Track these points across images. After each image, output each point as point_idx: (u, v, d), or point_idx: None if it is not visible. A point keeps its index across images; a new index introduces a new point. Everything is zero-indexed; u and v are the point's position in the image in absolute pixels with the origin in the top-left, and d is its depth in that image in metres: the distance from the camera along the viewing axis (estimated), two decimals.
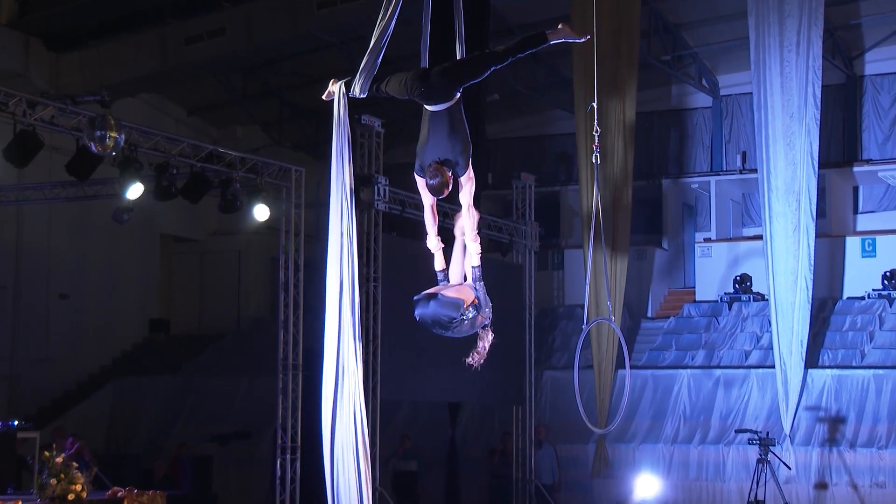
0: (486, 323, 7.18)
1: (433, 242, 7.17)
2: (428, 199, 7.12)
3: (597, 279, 19.67)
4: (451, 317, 6.94)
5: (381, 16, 7.02)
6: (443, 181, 6.87)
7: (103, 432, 22.50)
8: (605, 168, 19.59)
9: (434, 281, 7.20)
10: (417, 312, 7.01)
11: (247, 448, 20.81)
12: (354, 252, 7.46)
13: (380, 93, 7.18)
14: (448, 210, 16.51)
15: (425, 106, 6.97)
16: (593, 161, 8.38)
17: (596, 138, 8.37)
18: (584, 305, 8.99)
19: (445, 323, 6.96)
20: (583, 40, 7.23)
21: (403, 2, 7.05)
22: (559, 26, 7.09)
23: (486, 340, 7.26)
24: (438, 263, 7.24)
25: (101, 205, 18.81)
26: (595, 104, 8.92)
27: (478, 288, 7.09)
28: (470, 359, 7.19)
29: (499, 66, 7.08)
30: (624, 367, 20.94)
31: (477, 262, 7.11)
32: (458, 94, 6.96)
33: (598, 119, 20.02)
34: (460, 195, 7.07)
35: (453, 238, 7.33)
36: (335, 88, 7.33)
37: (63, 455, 13.65)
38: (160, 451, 20.91)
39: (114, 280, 24.49)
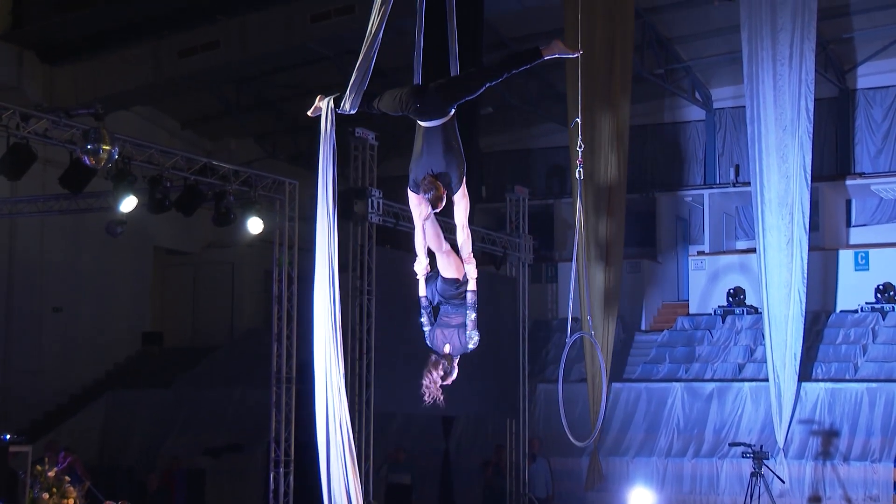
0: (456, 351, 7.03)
1: (421, 265, 7.07)
2: (419, 220, 7.07)
3: (590, 291, 19.70)
4: (456, 284, 6.93)
5: (369, 28, 6.98)
6: (437, 195, 6.81)
7: (96, 445, 22.44)
8: (599, 181, 19.61)
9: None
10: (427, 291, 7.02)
11: (240, 461, 20.76)
12: (336, 266, 7.36)
13: (372, 109, 7.13)
14: (443, 224, 16.55)
15: (419, 122, 6.94)
16: (576, 176, 8.36)
17: (580, 154, 8.35)
18: (568, 318, 8.95)
19: (452, 292, 6.91)
20: (576, 55, 7.16)
21: (398, 13, 7.03)
22: (552, 42, 7.04)
23: (447, 372, 7.02)
24: (423, 289, 7.16)
25: (95, 217, 18.81)
26: (579, 120, 8.89)
27: (470, 314, 6.99)
28: (426, 381, 7.04)
29: (493, 83, 7.04)
30: (618, 381, 20.98)
31: (474, 286, 6.99)
32: (453, 111, 6.93)
33: (592, 132, 20.17)
34: (455, 214, 7.02)
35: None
36: (322, 105, 7.27)
37: (55, 469, 13.63)
38: (153, 464, 20.86)
39: (107, 293, 24.44)
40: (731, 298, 22.36)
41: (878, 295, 21.34)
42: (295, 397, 16.40)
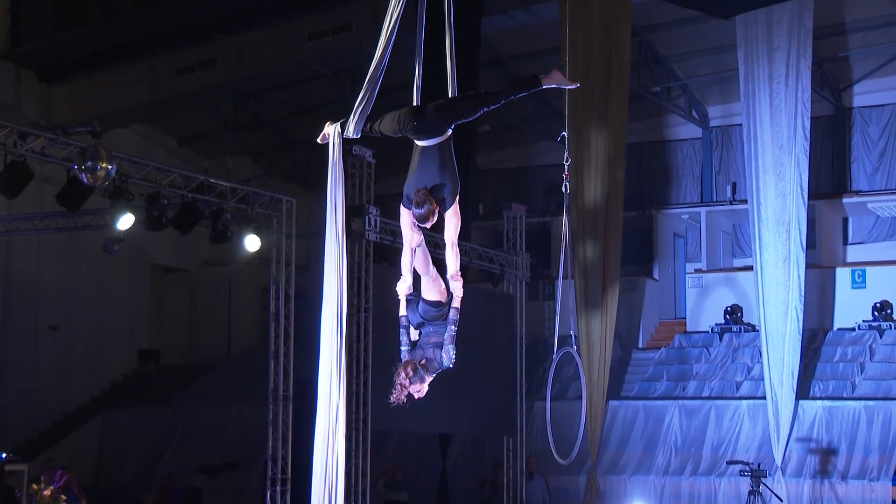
0: (438, 365, 7.03)
1: (404, 285, 7.07)
2: (408, 239, 7.07)
3: (587, 309, 19.68)
4: (438, 307, 7.01)
5: (376, 53, 7.02)
6: (430, 209, 6.83)
7: (92, 464, 22.36)
8: (596, 198, 19.62)
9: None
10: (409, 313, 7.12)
11: (236, 480, 20.70)
12: (344, 290, 7.38)
13: (373, 132, 7.17)
14: (438, 240, 16.52)
15: (416, 141, 6.97)
16: (563, 190, 8.37)
17: (566, 167, 8.35)
18: (555, 334, 8.96)
19: (434, 313, 7.00)
20: (573, 87, 7.31)
21: (398, 33, 7.06)
22: (552, 72, 7.17)
23: (417, 376, 6.97)
24: (403, 309, 7.15)
25: (92, 235, 18.79)
26: (565, 133, 8.90)
27: (451, 329, 7.01)
28: (396, 379, 7.02)
29: (491, 108, 7.14)
30: (615, 398, 20.94)
31: (458, 303, 7.01)
32: (450, 131, 6.97)
33: (589, 150, 20.16)
34: (445, 231, 7.03)
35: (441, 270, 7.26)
36: (331, 130, 7.31)
37: (51, 487, 13.59)
38: (149, 482, 20.79)
39: (103, 310, 24.41)
40: (728, 316, 22.35)
41: (876, 313, 21.33)
42: (292, 415, 16.36)
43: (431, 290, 7.06)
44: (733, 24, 20.13)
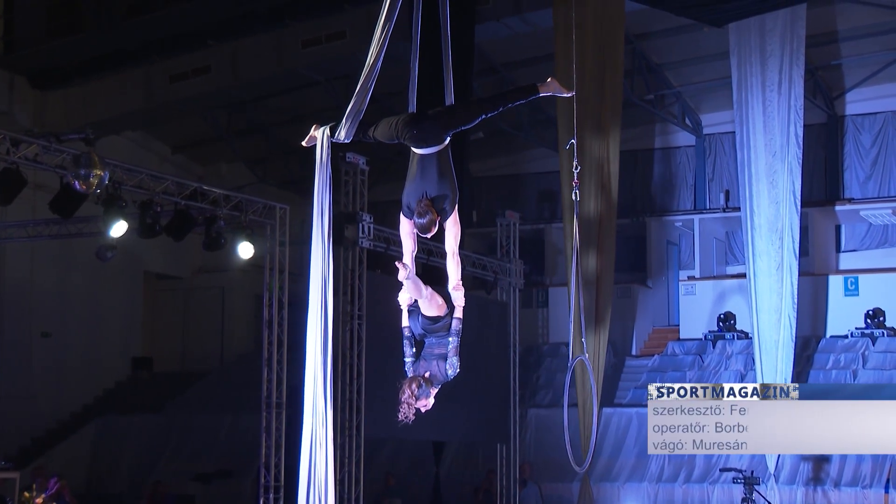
0: (439, 377, 7.02)
1: (405, 296, 7.06)
2: (409, 248, 7.04)
3: (581, 316, 19.68)
4: (439, 320, 7.01)
5: (368, 58, 7.01)
6: (432, 219, 6.82)
7: (84, 472, 22.31)
8: (590, 206, 19.64)
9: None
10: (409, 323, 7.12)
11: (230, 487, 20.66)
12: (330, 295, 7.36)
13: (367, 138, 7.13)
14: (433, 248, 16.54)
15: (414, 149, 6.96)
16: (573, 198, 8.39)
17: (575, 175, 8.37)
18: (569, 341, 8.99)
19: (434, 326, 7.00)
20: (569, 95, 7.34)
21: (392, 40, 7.06)
22: (548, 80, 7.18)
23: (422, 392, 6.99)
24: (406, 319, 7.15)
25: (85, 242, 18.77)
26: (574, 141, 8.94)
27: (452, 341, 7.00)
28: (402, 396, 6.99)
29: (489, 115, 7.14)
30: (609, 406, 20.95)
31: (460, 313, 6.99)
32: (448, 139, 6.97)
33: (582, 158, 20.16)
34: (445, 240, 7.02)
35: (439, 279, 7.25)
36: (318, 134, 7.27)
37: (43, 495, 13.56)
38: (142, 490, 20.73)
39: (97, 318, 24.37)
40: (721, 323, 22.38)
41: (868, 320, 21.37)
42: (285, 422, 16.35)
43: (430, 308, 7.03)
44: (726, 32, 20.19)
